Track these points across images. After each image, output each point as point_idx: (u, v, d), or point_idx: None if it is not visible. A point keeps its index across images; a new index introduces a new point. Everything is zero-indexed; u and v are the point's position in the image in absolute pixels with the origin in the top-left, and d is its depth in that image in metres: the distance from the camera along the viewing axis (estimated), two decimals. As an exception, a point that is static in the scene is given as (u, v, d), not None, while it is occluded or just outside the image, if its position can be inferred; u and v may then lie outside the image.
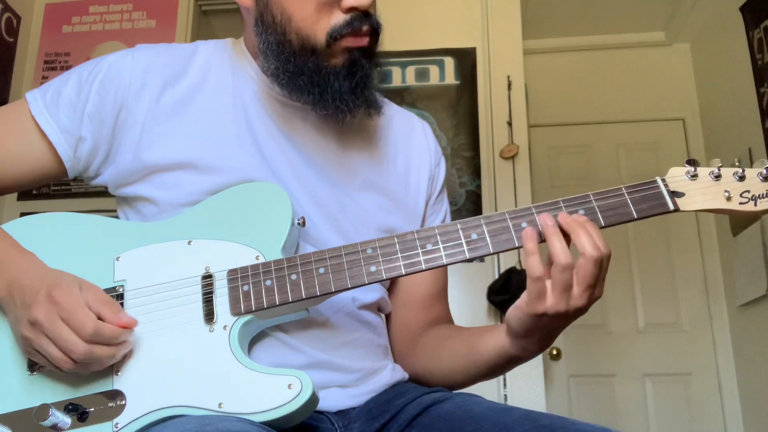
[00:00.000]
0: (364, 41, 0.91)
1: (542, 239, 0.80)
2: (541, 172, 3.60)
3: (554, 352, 3.31)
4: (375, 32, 0.93)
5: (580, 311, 0.80)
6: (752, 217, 2.94)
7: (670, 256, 3.49)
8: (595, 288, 0.79)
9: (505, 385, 2.53)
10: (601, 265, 0.77)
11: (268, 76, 0.95)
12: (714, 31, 3.41)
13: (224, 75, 0.98)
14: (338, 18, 0.89)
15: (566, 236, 0.79)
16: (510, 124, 2.77)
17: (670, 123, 3.67)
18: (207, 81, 0.97)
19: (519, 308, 0.82)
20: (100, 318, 0.79)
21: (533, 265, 0.78)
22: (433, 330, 1.04)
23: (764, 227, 2.85)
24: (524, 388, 2.52)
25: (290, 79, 0.92)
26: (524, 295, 0.81)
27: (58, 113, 0.95)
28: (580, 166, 3.68)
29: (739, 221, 3.08)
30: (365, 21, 0.90)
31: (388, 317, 1.08)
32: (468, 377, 0.96)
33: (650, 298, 3.46)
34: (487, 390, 2.48)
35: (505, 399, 2.50)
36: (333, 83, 0.90)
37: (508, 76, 2.83)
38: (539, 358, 2.55)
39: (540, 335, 0.83)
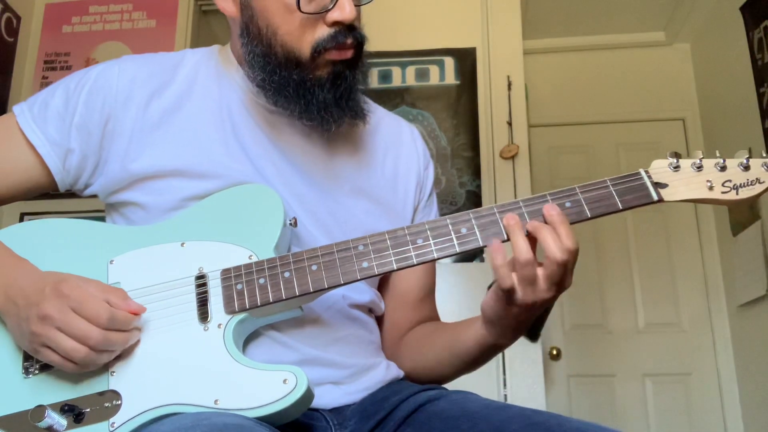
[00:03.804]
0: (348, 54, 0.92)
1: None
2: (541, 172, 3.60)
3: (554, 352, 3.31)
4: (359, 44, 0.94)
5: (548, 302, 0.83)
6: (752, 216, 2.94)
7: (670, 256, 3.49)
8: (562, 282, 0.81)
9: (505, 385, 2.52)
10: (566, 264, 0.80)
11: (254, 85, 0.96)
12: (714, 31, 3.41)
13: (210, 82, 0.99)
14: (323, 32, 0.90)
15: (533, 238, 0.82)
16: (510, 124, 2.77)
17: (670, 123, 3.67)
18: (194, 89, 0.98)
19: (492, 300, 0.85)
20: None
21: (504, 277, 0.81)
22: (418, 327, 1.06)
23: (764, 227, 2.85)
24: (524, 387, 2.51)
25: (276, 91, 0.93)
26: (494, 292, 0.84)
27: (46, 125, 0.95)
28: (580, 166, 3.68)
29: (739, 220, 3.08)
30: (349, 34, 0.91)
31: (379, 319, 1.09)
32: (452, 368, 1.00)
33: (650, 298, 3.46)
34: (486, 390, 2.48)
35: (505, 399, 2.50)
36: (317, 95, 0.92)
37: (508, 76, 2.83)
38: (539, 358, 2.55)
39: (513, 323, 0.86)
